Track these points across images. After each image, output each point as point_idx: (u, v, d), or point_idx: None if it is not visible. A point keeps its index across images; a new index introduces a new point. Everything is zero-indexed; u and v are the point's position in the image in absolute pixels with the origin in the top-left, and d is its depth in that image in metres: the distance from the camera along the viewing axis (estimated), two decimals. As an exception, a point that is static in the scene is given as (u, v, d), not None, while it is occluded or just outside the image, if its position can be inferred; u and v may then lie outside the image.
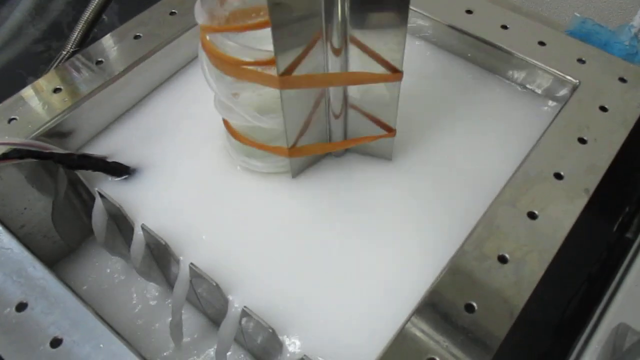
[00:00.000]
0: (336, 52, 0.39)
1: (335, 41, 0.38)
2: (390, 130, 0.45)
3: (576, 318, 0.41)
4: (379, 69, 0.40)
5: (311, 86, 0.40)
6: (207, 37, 0.39)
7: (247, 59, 0.38)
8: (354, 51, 0.39)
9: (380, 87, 0.41)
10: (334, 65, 0.40)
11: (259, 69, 0.38)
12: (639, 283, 0.38)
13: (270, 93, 0.40)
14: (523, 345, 0.40)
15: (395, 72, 0.40)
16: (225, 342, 0.41)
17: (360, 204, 0.45)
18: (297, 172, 0.47)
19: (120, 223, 0.47)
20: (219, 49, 0.39)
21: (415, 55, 0.56)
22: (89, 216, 0.47)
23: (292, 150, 0.43)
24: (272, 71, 0.37)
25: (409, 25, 0.57)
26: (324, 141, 0.46)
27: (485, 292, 0.37)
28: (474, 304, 0.36)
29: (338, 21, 0.37)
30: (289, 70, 0.38)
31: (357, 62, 0.40)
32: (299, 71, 0.38)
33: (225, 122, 0.46)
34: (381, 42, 0.38)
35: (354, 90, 0.43)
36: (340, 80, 0.41)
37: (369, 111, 0.44)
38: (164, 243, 0.41)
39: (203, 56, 0.41)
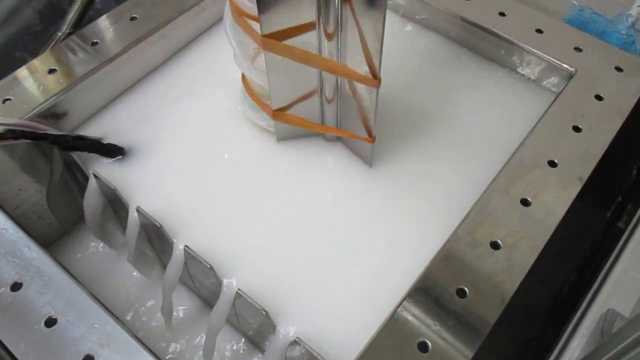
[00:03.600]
0: (329, 36, 0.38)
1: (331, 25, 0.38)
2: (370, 135, 0.44)
3: (567, 303, 0.42)
4: (363, 70, 0.39)
5: (289, 57, 0.40)
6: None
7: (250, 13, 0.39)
8: (346, 42, 0.39)
9: (362, 87, 0.41)
10: (325, 49, 0.39)
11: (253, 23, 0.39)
12: (628, 271, 0.38)
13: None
14: (514, 330, 0.41)
15: (374, 78, 0.39)
16: (217, 324, 0.41)
17: (354, 188, 0.45)
18: (281, 137, 0.47)
19: (115, 205, 0.48)
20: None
21: (411, 41, 0.56)
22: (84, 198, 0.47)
23: (276, 114, 0.44)
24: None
25: (406, 10, 0.57)
26: (315, 122, 0.46)
27: (477, 277, 0.37)
28: (466, 289, 0.37)
29: (335, 4, 0.37)
30: (275, 36, 0.38)
31: (347, 55, 0.40)
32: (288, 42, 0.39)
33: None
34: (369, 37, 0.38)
35: (344, 81, 0.42)
36: (319, 64, 0.41)
37: (357, 107, 0.43)
38: (158, 225, 0.41)
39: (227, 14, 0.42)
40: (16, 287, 0.38)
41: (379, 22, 0.35)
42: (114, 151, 0.47)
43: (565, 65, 0.50)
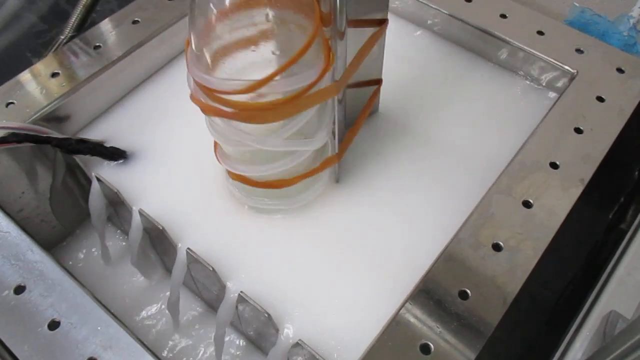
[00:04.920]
0: (341, 36, 0.38)
1: (340, 24, 0.37)
2: (378, 82, 0.45)
3: (569, 305, 0.42)
4: (370, 30, 0.40)
5: (351, 77, 0.40)
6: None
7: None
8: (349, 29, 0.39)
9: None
10: (342, 50, 0.39)
11: (313, 90, 0.35)
12: (630, 272, 0.38)
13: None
14: (516, 332, 0.41)
15: (382, 23, 0.41)
16: (222, 327, 0.41)
17: (358, 192, 0.45)
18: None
19: (118, 208, 0.48)
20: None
21: (414, 43, 0.56)
22: (87, 200, 0.47)
23: (339, 154, 0.43)
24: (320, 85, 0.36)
25: (405, 12, 0.57)
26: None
27: (479, 279, 0.37)
28: (468, 291, 0.37)
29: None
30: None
31: (352, 37, 0.39)
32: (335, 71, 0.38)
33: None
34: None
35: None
36: (360, 59, 0.40)
37: (361, 76, 0.44)
38: (161, 228, 0.42)
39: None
40: (19, 290, 0.38)
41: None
42: (116, 154, 0.47)
43: (566, 67, 0.50)
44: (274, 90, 0.34)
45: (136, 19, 0.53)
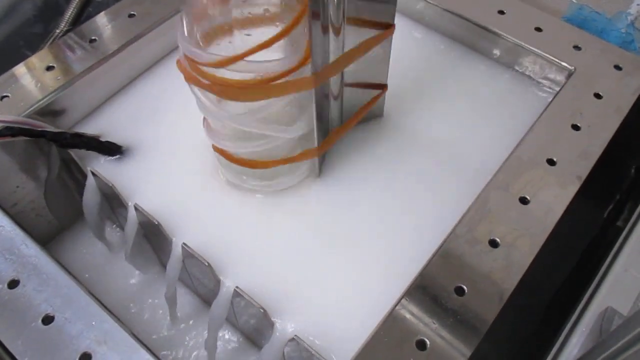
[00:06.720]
0: (337, 31, 0.38)
1: (335, 20, 0.37)
2: (382, 87, 0.45)
3: (565, 301, 0.42)
4: (372, 32, 0.40)
5: (335, 73, 0.40)
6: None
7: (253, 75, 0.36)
8: (349, 27, 0.39)
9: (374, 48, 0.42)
10: (335, 46, 0.39)
11: (287, 79, 0.36)
12: (627, 269, 0.38)
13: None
14: (512, 328, 0.41)
15: (388, 28, 0.41)
16: (217, 322, 0.41)
17: (352, 186, 0.45)
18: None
19: (113, 203, 0.47)
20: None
21: (411, 39, 0.56)
22: (82, 195, 0.47)
23: (321, 148, 0.42)
24: (299, 75, 0.36)
25: (403, 7, 0.57)
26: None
27: (475, 275, 0.37)
28: (464, 287, 0.37)
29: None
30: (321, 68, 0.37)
31: (352, 35, 0.39)
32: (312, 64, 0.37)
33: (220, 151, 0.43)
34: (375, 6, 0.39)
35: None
36: (350, 58, 0.41)
37: (363, 77, 0.44)
38: (156, 223, 0.41)
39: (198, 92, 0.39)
40: (13, 284, 0.38)
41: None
42: (112, 149, 0.46)
43: (564, 64, 0.50)
44: (245, 70, 0.34)
45: (132, 12, 0.52)
